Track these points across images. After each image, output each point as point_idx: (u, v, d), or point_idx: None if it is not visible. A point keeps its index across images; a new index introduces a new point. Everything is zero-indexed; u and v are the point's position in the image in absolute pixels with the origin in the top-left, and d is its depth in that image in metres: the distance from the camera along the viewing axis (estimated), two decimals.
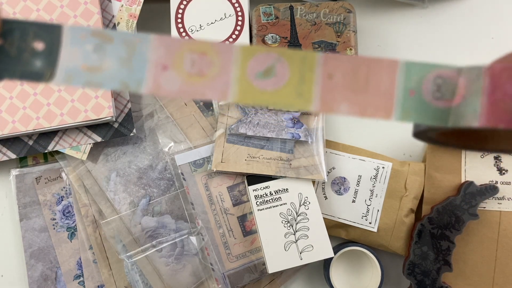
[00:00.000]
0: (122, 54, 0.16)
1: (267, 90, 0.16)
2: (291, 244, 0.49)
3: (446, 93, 0.16)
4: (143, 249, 0.51)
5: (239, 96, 0.16)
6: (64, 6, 0.48)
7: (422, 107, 0.16)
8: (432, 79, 0.17)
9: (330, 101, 0.16)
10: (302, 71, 0.16)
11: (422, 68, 0.17)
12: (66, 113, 0.48)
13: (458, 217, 0.49)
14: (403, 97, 0.17)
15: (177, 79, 0.16)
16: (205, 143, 0.53)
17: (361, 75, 0.17)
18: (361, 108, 0.17)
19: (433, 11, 0.57)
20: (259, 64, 0.16)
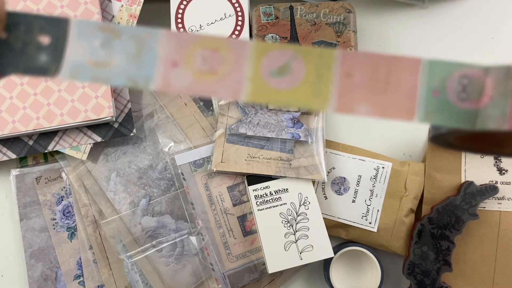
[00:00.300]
0: (131, 50, 0.16)
1: (282, 89, 0.15)
2: (291, 244, 0.49)
3: (472, 93, 0.15)
4: (143, 249, 0.51)
5: (252, 95, 0.15)
6: (64, 6, 0.48)
7: (447, 108, 0.15)
8: (457, 79, 0.16)
9: (348, 101, 0.16)
10: (319, 69, 0.15)
11: (446, 67, 0.16)
12: (66, 113, 0.48)
13: (458, 217, 0.49)
14: (426, 97, 0.16)
15: (187, 76, 0.16)
16: (205, 143, 0.53)
17: (381, 74, 0.16)
18: (381, 109, 0.16)
19: (433, 11, 0.57)
20: (273, 61, 0.15)
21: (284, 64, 0.15)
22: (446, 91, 0.16)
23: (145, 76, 0.16)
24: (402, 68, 0.16)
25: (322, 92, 0.15)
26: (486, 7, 0.56)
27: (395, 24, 0.56)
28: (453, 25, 0.56)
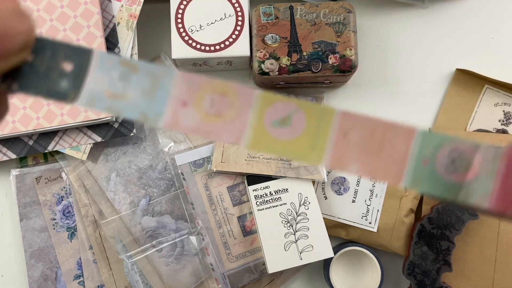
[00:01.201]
0: (146, 86, 0.17)
1: (281, 139, 0.16)
2: (291, 244, 0.49)
3: (460, 167, 0.16)
4: (143, 249, 0.51)
5: (253, 142, 0.16)
6: (64, 6, 0.48)
7: (434, 178, 0.16)
8: (447, 152, 0.17)
9: (341, 159, 0.17)
10: (318, 125, 0.16)
11: (439, 139, 0.17)
12: (66, 113, 0.48)
13: (458, 217, 0.49)
14: (416, 165, 0.17)
15: (195, 116, 0.16)
16: (205, 143, 0.53)
17: (376, 137, 0.17)
18: (371, 170, 0.17)
19: (433, 11, 0.57)
20: (277, 112, 0.16)
21: (287, 116, 0.16)
22: (435, 162, 0.17)
23: (156, 113, 0.17)
24: (397, 135, 0.17)
25: (318, 147, 0.16)
26: (486, 7, 0.56)
27: (395, 24, 0.56)
28: (453, 25, 0.56)
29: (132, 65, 0.17)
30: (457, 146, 0.16)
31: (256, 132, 0.16)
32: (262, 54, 0.48)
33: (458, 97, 0.54)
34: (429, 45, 0.56)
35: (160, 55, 0.55)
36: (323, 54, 0.48)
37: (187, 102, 0.17)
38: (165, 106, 0.17)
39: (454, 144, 0.17)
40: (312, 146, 0.16)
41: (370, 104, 0.55)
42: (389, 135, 0.17)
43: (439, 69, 0.56)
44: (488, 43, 0.56)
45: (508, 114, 0.53)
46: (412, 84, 0.56)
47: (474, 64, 0.55)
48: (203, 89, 0.17)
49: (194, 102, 0.16)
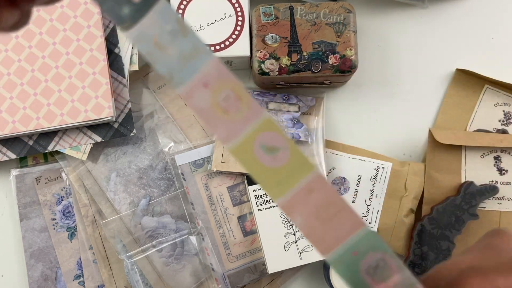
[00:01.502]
0: (185, 51, 0.18)
1: (259, 161, 0.18)
2: (291, 244, 0.50)
3: (378, 274, 0.18)
4: (143, 249, 0.51)
5: (236, 149, 0.18)
6: (64, 6, 0.48)
7: (353, 269, 0.18)
8: (378, 256, 0.18)
9: (293, 207, 0.18)
10: (294, 170, 0.18)
11: (379, 243, 0.18)
12: (66, 113, 0.48)
13: (458, 217, 0.49)
14: (346, 250, 0.18)
15: (207, 101, 0.18)
16: (205, 143, 0.53)
17: (331, 210, 0.18)
18: (309, 232, 0.18)
19: (433, 11, 0.57)
20: (270, 139, 0.18)
21: (275, 147, 0.18)
22: (363, 258, 0.18)
23: (181, 79, 0.18)
24: (348, 219, 0.18)
25: (283, 186, 0.18)
26: (486, 7, 0.56)
27: (395, 24, 0.56)
28: (453, 25, 0.56)
29: (185, 27, 0.18)
30: (387, 258, 0.18)
31: (244, 143, 0.18)
32: (262, 54, 0.48)
33: (458, 97, 0.54)
34: (429, 45, 0.56)
35: None
36: (323, 54, 0.48)
37: (208, 85, 0.18)
38: (190, 78, 0.18)
39: (387, 256, 0.18)
40: (279, 183, 0.18)
41: (370, 104, 0.55)
42: (342, 215, 0.18)
43: (439, 69, 0.56)
44: (488, 43, 0.56)
45: (508, 114, 0.53)
46: (412, 84, 0.56)
47: (474, 64, 0.55)
48: (226, 83, 0.18)
49: (213, 89, 0.18)
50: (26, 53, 0.48)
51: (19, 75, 0.48)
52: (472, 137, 0.51)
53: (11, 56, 0.48)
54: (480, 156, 0.52)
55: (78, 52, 0.48)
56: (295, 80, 0.50)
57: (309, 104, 0.53)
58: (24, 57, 0.48)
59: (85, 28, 0.48)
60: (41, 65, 0.48)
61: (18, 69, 0.48)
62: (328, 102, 0.55)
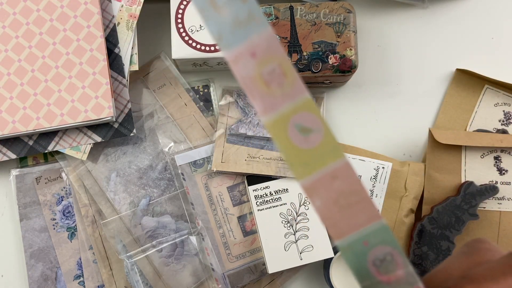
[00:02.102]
0: (240, 17, 0.17)
1: (290, 139, 0.18)
2: (291, 244, 0.50)
3: (383, 267, 0.18)
4: (143, 249, 0.51)
5: (271, 124, 0.18)
6: (64, 6, 0.48)
7: (361, 258, 0.18)
8: (387, 251, 0.18)
9: (315, 190, 0.18)
10: (323, 154, 0.18)
11: (390, 239, 0.18)
12: (66, 113, 0.48)
13: (458, 217, 0.49)
14: (358, 239, 0.18)
15: (251, 70, 0.17)
16: (205, 143, 0.53)
17: (351, 199, 0.18)
18: (326, 215, 0.18)
19: (433, 11, 0.57)
20: (306, 119, 0.17)
21: (309, 128, 0.18)
22: (372, 249, 0.18)
23: (229, 42, 0.18)
24: (365, 210, 0.18)
25: (309, 169, 0.18)
26: (486, 7, 0.56)
27: (395, 24, 0.56)
28: (453, 25, 0.56)
29: (249, 12, 0.18)
30: (395, 253, 0.18)
31: (280, 120, 0.18)
32: None
33: (458, 97, 0.54)
34: (429, 45, 0.56)
35: (160, 55, 0.55)
36: (323, 54, 0.48)
37: (256, 55, 0.17)
38: (239, 43, 0.17)
39: (395, 251, 0.18)
40: (306, 164, 0.18)
41: (370, 104, 0.55)
42: (361, 205, 0.18)
43: (439, 69, 0.56)
44: (488, 43, 0.56)
45: (508, 114, 0.53)
46: (412, 84, 0.56)
47: (474, 64, 0.55)
48: (275, 57, 0.18)
49: (260, 61, 0.17)
50: (26, 53, 0.48)
51: (19, 75, 0.48)
52: (472, 137, 0.51)
53: (11, 56, 0.48)
54: (480, 156, 0.52)
55: (78, 52, 0.48)
56: None
57: None
58: (24, 57, 0.48)
59: (85, 28, 0.48)
60: (41, 65, 0.48)
61: (18, 69, 0.48)
62: (328, 102, 0.55)
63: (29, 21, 0.48)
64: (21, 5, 0.48)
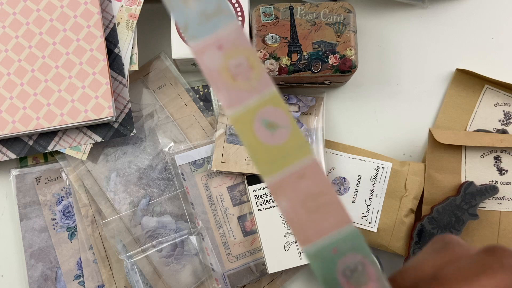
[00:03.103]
0: (208, 10, 0.17)
1: (256, 135, 0.17)
2: (291, 244, 0.50)
3: (354, 279, 0.17)
4: (143, 249, 0.51)
5: (236, 118, 0.17)
6: (64, 6, 0.48)
7: (329, 268, 0.17)
8: (357, 259, 0.17)
9: (280, 190, 0.17)
10: (289, 152, 0.17)
11: (361, 246, 0.17)
12: (66, 113, 0.48)
13: (458, 217, 0.49)
14: (326, 246, 0.17)
15: (217, 63, 0.17)
16: (205, 143, 0.53)
17: (320, 200, 0.17)
18: (292, 218, 0.17)
19: (433, 11, 0.57)
20: (273, 115, 0.17)
21: (276, 123, 0.17)
22: (341, 257, 0.17)
23: (195, 33, 0.17)
24: (333, 214, 0.17)
25: (275, 167, 0.17)
26: (486, 7, 0.56)
27: (395, 24, 0.56)
28: (453, 25, 0.56)
29: (217, 5, 0.18)
30: (367, 264, 0.17)
31: (245, 114, 0.17)
32: (262, 54, 0.48)
33: (458, 97, 0.54)
34: (429, 45, 0.56)
35: (160, 55, 0.55)
36: (323, 54, 0.48)
37: (222, 48, 0.17)
38: (206, 36, 0.17)
39: (367, 261, 0.17)
40: (272, 161, 0.17)
41: (370, 104, 0.55)
42: (329, 208, 0.17)
43: (439, 69, 0.56)
44: (488, 43, 0.56)
45: (508, 114, 0.53)
46: (412, 84, 0.56)
47: (474, 64, 0.55)
48: (242, 50, 0.17)
49: (227, 53, 0.17)
50: (26, 53, 0.48)
51: (19, 75, 0.48)
52: (472, 137, 0.51)
53: (11, 56, 0.48)
54: (480, 156, 0.52)
55: (78, 52, 0.48)
56: (295, 80, 0.50)
57: (309, 104, 0.53)
58: (24, 57, 0.48)
59: (85, 28, 0.48)
60: (41, 65, 0.48)
61: (18, 69, 0.48)
62: (328, 102, 0.55)
63: (29, 21, 0.48)
64: (21, 5, 0.48)
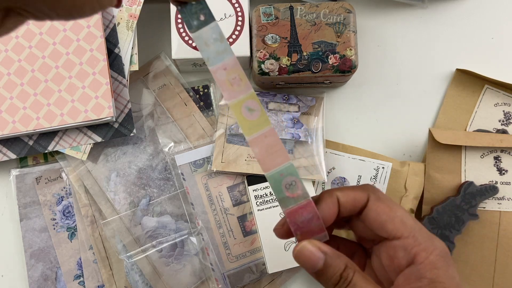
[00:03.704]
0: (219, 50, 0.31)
1: (242, 115, 0.31)
2: (291, 244, 0.50)
3: (290, 189, 0.31)
4: (143, 249, 0.51)
5: (233, 106, 0.31)
6: None
7: (278, 183, 0.31)
8: (292, 179, 0.31)
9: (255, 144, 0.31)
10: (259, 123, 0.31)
11: (294, 172, 0.31)
12: (66, 113, 0.48)
13: (458, 217, 0.50)
14: (277, 172, 0.31)
15: (223, 77, 0.31)
16: (205, 143, 0.53)
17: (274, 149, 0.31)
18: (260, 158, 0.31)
19: (433, 11, 0.57)
20: (251, 104, 0.31)
21: (253, 108, 0.31)
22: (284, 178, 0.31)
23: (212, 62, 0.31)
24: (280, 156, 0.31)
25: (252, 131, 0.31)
26: (486, 7, 0.56)
27: (395, 24, 0.56)
28: (453, 25, 0.56)
29: (223, 37, 0.31)
30: (298, 181, 0.31)
31: (238, 103, 0.31)
32: (262, 54, 0.48)
33: (458, 97, 0.54)
34: (429, 45, 0.56)
35: (160, 55, 0.55)
36: (323, 54, 0.48)
37: (226, 69, 0.31)
38: (218, 63, 0.31)
39: (298, 180, 0.31)
40: (250, 128, 0.31)
41: (370, 104, 0.55)
42: (279, 152, 0.31)
43: (439, 69, 0.56)
44: (488, 43, 0.56)
45: (508, 114, 0.53)
46: (412, 84, 0.56)
47: (474, 64, 0.55)
48: (236, 71, 0.31)
49: (228, 72, 0.31)
50: (26, 53, 0.48)
51: (19, 75, 0.48)
52: (472, 137, 0.51)
53: (11, 56, 0.48)
54: (480, 156, 0.52)
55: (78, 52, 0.48)
56: (295, 80, 0.50)
57: (309, 104, 0.53)
58: (24, 57, 0.48)
59: (85, 28, 0.48)
60: (41, 65, 0.48)
61: (18, 69, 0.48)
62: (328, 102, 0.55)
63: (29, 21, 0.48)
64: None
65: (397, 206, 0.33)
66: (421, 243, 0.31)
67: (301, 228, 0.31)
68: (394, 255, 0.31)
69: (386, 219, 0.32)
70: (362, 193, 0.33)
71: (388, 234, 0.32)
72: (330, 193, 0.33)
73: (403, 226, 0.31)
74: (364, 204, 0.32)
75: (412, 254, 0.30)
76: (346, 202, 0.32)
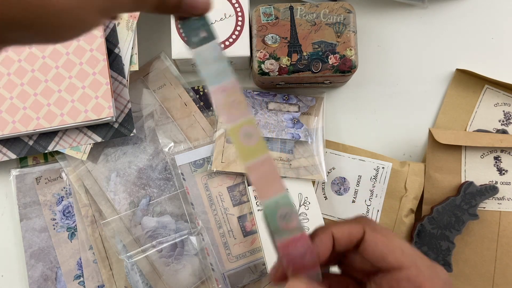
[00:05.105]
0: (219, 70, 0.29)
1: (240, 139, 0.29)
2: None
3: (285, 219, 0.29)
4: (143, 249, 0.51)
5: (230, 130, 0.29)
6: None
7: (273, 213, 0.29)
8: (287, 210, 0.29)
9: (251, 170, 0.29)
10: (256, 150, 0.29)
11: (289, 203, 0.29)
12: (66, 113, 0.48)
13: (458, 217, 0.50)
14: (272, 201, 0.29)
15: (222, 100, 0.29)
16: (205, 143, 0.53)
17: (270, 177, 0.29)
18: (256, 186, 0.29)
19: (433, 11, 0.57)
20: (249, 129, 0.29)
21: (251, 134, 0.29)
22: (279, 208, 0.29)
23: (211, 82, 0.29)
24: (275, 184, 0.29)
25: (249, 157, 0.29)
26: (486, 7, 0.56)
27: (395, 24, 0.56)
28: (453, 25, 0.56)
29: (224, 57, 0.29)
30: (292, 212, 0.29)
31: (236, 128, 0.29)
32: (262, 54, 0.48)
33: (458, 97, 0.54)
34: (429, 45, 0.56)
35: (160, 55, 0.55)
36: (323, 54, 0.48)
37: (225, 92, 0.29)
38: (217, 84, 0.29)
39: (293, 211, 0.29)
40: (247, 155, 0.29)
41: (370, 104, 0.55)
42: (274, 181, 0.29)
43: (439, 69, 0.56)
44: (488, 43, 0.56)
45: (508, 114, 0.53)
46: (412, 84, 0.56)
47: (474, 64, 0.55)
48: (235, 93, 0.29)
49: (227, 94, 0.29)
50: (26, 53, 0.48)
51: (19, 75, 0.48)
52: (472, 137, 0.51)
53: (11, 56, 0.48)
54: (480, 156, 0.52)
55: (78, 52, 0.48)
56: (295, 80, 0.50)
57: (309, 104, 0.53)
58: (24, 57, 0.48)
59: None
60: (41, 65, 0.48)
61: (18, 69, 0.48)
62: (328, 102, 0.55)
63: None
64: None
65: (394, 235, 0.32)
66: (425, 272, 0.30)
67: (293, 262, 0.29)
68: (397, 287, 0.30)
69: (385, 250, 0.30)
70: (357, 226, 0.31)
71: (389, 265, 0.30)
72: (324, 228, 0.32)
73: (403, 256, 0.30)
74: (360, 237, 0.31)
75: (417, 285, 0.29)
76: (341, 237, 0.31)
